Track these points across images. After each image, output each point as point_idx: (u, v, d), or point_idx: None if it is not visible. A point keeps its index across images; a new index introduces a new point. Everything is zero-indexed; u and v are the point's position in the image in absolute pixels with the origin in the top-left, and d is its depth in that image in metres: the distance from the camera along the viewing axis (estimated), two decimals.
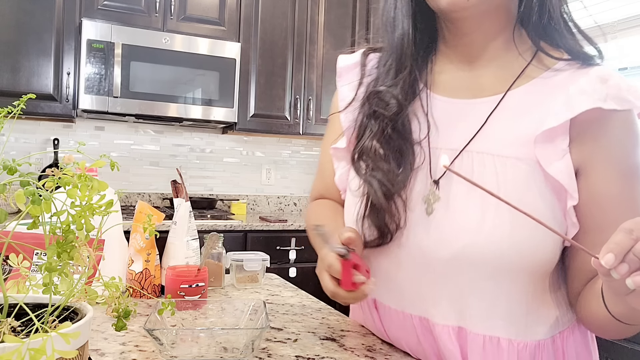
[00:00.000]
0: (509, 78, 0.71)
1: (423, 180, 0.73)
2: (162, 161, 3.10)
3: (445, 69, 0.77)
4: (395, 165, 0.72)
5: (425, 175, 0.73)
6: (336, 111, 0.85)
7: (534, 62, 0.71)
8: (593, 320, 0.67)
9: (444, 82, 0.77)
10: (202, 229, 2.36)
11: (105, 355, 0.78)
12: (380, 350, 0.85)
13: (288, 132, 3.05)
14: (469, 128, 0.71)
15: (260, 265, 1.29)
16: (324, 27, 3.11)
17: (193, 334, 0.78)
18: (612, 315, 0.61)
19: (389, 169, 0.72)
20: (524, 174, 0.66)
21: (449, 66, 0.77)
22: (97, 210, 0.54)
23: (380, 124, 0.74)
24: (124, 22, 2.62)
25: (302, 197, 3.46)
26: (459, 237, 0.67)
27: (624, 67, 2.55)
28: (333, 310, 1.10)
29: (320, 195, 0.98)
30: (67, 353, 0.46)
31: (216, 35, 2.82)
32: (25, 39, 2.46)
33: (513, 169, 0.66)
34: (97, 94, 2.52)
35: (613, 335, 0.67)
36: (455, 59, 0.76)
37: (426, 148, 0.73)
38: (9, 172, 0.50)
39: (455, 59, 0.76)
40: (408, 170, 0.72)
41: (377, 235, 0.73)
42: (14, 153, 2.78)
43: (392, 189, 0.71)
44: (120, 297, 0.61)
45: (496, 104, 0.70)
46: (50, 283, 0.53)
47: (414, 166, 0.73)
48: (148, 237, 1.09)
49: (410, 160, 0.72)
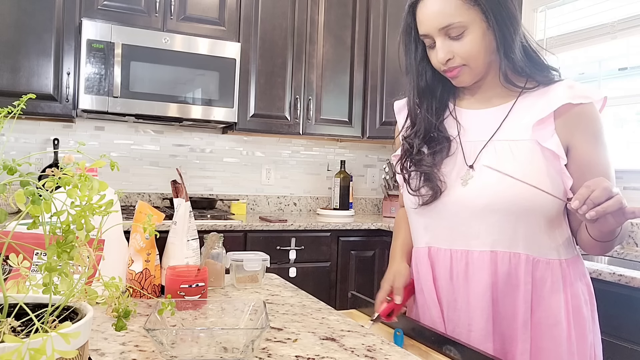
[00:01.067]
0: (507, 97, 1.09)
1: (459, 165, 1.08)
2: (162, 161, 3.10)
3: (464, 97, 1.16)
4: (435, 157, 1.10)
5: (461, 161, 1.08)
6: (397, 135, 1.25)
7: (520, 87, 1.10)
8: (585, 243, 1.03)
9: (465, 103, 1.15)
10: (202, 229, 2.36)
11: (105, 355, 0.78)
12: (380, 350, 0.85)
13: (288, 132, 3.05)
14: (489, 125, 1.08)
15: (260, 265, 1.29)
16: (324, 27, 3.11)
17: (193, 334, 0.78)
18: (592, 237, 0.98)
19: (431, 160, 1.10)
20: (529, 149, 1.02)
21: (468, 94, 1.15)
22: (97, 210, 0.54)
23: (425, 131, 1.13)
24: (124, 22, 2.62)
25: (302, 197, 3.46)
26: (485, 193, 1.02)
27: (624, 67, 2.55)
28: (333, 310, 1.10)
29: None
30: (67, 353, 0.46)
31: (216, 35, 2.82)
32: (25, 39, 2.46)
33: (523, 146, 1.02)
34: (97, 94, 2.52)
35: (599, 251, 1.02)
36: (471, 91, 1.15)
37: (458, 142, 1.10)
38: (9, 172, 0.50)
39: (471, 91, 1.15)
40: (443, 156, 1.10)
41: (431, 194, 1.07)
42: (14, 153, 2.78)
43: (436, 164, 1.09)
44: (120, 297, 0.61)
45: (509, 110, 1.07)
46: (50, 283, 0.53)
47: (450, 153, 1.09)
48: (148, 237, 1.09)
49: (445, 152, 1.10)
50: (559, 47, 2.83)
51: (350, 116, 3.20)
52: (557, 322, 1.01)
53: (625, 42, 2.53)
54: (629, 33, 2.48)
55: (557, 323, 1.00)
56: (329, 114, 3.13)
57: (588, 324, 1.05)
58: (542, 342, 1.01)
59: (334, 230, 2.82)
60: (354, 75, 3.19)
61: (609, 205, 0.82)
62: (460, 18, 1.00)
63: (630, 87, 2.49)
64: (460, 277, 1.05)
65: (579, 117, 1.01)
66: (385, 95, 3.18)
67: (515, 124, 1.04)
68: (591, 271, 1.76)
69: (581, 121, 1.01)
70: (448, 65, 1.05)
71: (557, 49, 2.84)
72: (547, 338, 1.00)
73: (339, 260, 2.84)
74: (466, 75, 1.06)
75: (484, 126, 1.08)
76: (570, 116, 1.01)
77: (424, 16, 1.04)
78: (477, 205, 1.02)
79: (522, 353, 1.00)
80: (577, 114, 1.01)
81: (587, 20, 2.70)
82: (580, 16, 2.75)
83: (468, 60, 1.03)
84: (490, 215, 1.01)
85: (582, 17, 2.73)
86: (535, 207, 0.99)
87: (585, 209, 0.83)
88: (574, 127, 1.01)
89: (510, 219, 1.00)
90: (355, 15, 3.19)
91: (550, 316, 1.01)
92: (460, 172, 1.07)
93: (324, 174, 3.52)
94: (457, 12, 1.00)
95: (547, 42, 2.89)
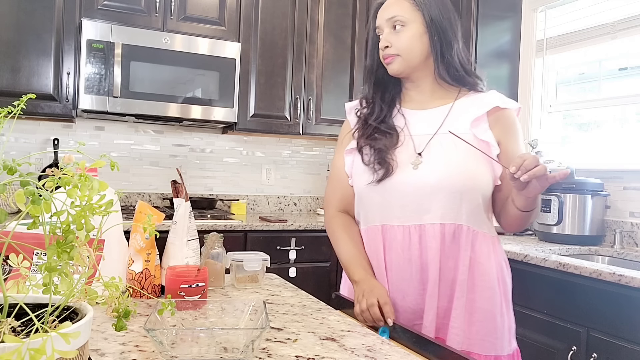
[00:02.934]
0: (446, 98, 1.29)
1: (409, 153, 1.24)
2: (162, 161, 3.10)
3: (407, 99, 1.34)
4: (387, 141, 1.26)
5: (411, 150, 1.25)
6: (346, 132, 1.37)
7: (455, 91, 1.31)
8: (509, 219, 1.22)
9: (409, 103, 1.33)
10: (202, 229, 2.35)
11: (105, 355, 0.78)
12: (380, 350, 0.85)
13: (288, 132, 3.05)
14: (433, 122, 1.26)
15: (260, 265, 1.29)
16: (324, 27, 3.11)
17: (193, 334, 0.78)
18: (518, 208, 1.15)
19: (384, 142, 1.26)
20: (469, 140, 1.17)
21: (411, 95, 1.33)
22: (97, 210, 0.54)
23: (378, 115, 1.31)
24: (124, 22, 2.62)
25: (302, 197, 3.46)
26: (435, 175, 1.19)
27: (624, 67, 2.55)
28: (333, 310, 1.10)
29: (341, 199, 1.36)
30: (67, 353, 0.46)
31: (216, 35, 2.82)
32: (25, 38, 2.46)
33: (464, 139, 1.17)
34: (97, 94, 2.52)
35: (520, 224, 1.21)
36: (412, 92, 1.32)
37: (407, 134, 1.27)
38: (9, 172, 0.50)
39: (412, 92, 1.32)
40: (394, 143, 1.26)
41: (383, 172, 1.21)
42: (14, 153, 2.78)
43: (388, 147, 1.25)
44: (120, 297, 0.61)
45: (448, 110, 1.27)
46: (50, 283, 0.53)
47: (399, 143, 1.25)
48: (148, 237, 1.09)
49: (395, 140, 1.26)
50: (559, 47, 2.83)
51: None
52: (491, 286, 1.20)
53: (625, 42, 2.53)
54: (629, 33, 2.48)
55: (491, 287, 1.20)
56: (329, 114, 3.13)
57: (509, 293, 1.26)
58: (477, 301, 1.19)
59: None
60: (354, 75, 3.19)
61: (537, 169, 1.01)
62: (403, 14, 1.23)
63: (630, 87, 2.49)
64: (414, 248, 1.20)
65: (506, 119, 1.25)
66: None
67: (455, 121, 1.24)
68: (591, 271, 1.76)
69: (508, 122, 1.25)
70: (386, 52, 1.25)
71: (557, 49, 2.84)
72: (482, 298, 1.19)
73: None
74: (397, 64, 1.25)
75: (428, 123, 1.27)
76: (498, 117, 1.24)
77: (380, 12, 1.28)
78: (428, 183, 1.19)
79: (457, 308, 1.18)
80: (504, 116, 1.25)
81: (587, 20, 2.70)
82: (580, 16, 2.74)
83: (401, 51, 1.23)
84: (439, 193, 1.18)
85: (582, 17, 2.73)
86: (474, 186, 1.19)
87: (520, 174, 1.02)
88: (503, 125, 1.24)
89: (456, 195, 1.18)
90: (355, 15, 3.18)
91: (486, 280, 1.20)
92: (410, 159, 1.23)
93: (324, 174, 3.52)
94: (403, 10, 1.23)
95: (547, 42, 2.89)
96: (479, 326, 1.18)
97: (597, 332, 1.76)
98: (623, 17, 2.50)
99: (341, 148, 1.37)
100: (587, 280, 1.79)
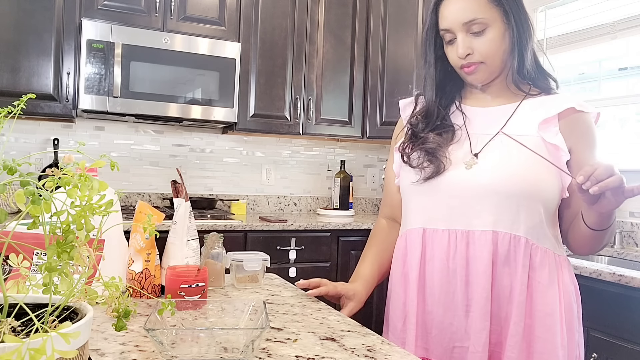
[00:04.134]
0: (513, 98, 1.15)
1: (464, 152, 1.11)
2: (162, 161, 3.10)
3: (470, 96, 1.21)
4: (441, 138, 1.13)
5: (467, 149, 1.11)
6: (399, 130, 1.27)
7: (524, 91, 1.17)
8: (578, 238, 1.07)
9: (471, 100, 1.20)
10: (202, 229, 2.36)
11: (105, 355, 0.78)
12: (380, 350, 0.85)
13: (288, 132, 3.05)
14: (495, 122, 1.12)
15: (260, 265, 1.29)
16: (324, 27, 3.11)
17: (193, 334, 0.78)
18: (588, 227, 1.00)
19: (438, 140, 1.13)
20: (534, 143, 1.05)
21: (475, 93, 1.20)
22: (97, 210, 0.54)
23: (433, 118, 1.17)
24: (124, 22, 2.62)
25: (302, 197, 3.46)
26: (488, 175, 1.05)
27: (624, 67, 2.55)
28: (333, 310, 1.10)
29: (387, 203, 1.30)
30: (67, 353, 0.46)
31: (216, 35, 2.82)
32: (25, 38, 2.46)
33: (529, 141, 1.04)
34: (97, 94, 2.52)
35: (591, 245, 1.05)
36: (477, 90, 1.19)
37: (464, 131, 1.14)
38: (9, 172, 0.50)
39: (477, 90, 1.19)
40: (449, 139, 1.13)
41: (433, 169, 1.09)
42: (14, 153, 2.78)
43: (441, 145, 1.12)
44: (120, 297, 0.61)
45: (514, 109, 1.13)
46: (50, 283, 0.53)
47: (455, 140, 1.13)
48: (148, 237, 1.09)
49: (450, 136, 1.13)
50: (559, 47, 2.83)
51: (350, 116, 3.20)
52: (553, 311, 1.03)
53: (625, 42, 2.53)
54: (629, 33, 2.48)
55: (553, 313, 1.03)
56: (329, 114, 3.13)
57: (575, 322, 1.08)
58: (536, 329, 1.03)
59: (334, 230, 2.82)
60: (354, 75, 3.19)
61: (611, 181, 0.85)
62: (483, 15, 1.05)
63: (630, 87, 2.49)
64: (460, 257, 1.06)
65: (581, 124, 1.08)
66: (385, 95, 3.18)
67: (521, 122, 1.10)
68: (591, 271, 1.76)
69: (582, 127, 1.08)
70: (467, 60, 1.08)
71: (557, 49, 2.84)
72: (541, 326, 1.02)
73: (339, 260, 2.84)
74: (482, 73, 1.10)
75: (490, 122, 1.12)
76: (572, 120, 1.08)
77: (449, 12, 1.08)
78: (479, 184, 1.05)
79: (514, 335, 1.02)
80: (579, 120, 1.08)
81: (587, 20, 2.70)
82: (580, 16, 2.74)
83: (486, 58, 1.07)
84: (492, 196, 1.04)
85: (582, 17, 2.73)
86: (535, 193, 1.03)
87: (589, 184, 0.86)
88: (576, 131, 1.08)
89: (512, 200, 1.03)
90: (355, 15, 3.18)
91: (547, 304, 1.03)
92: (465, 158, 1.10)
93: (324, 174, 3.52)
94: (481, 9, 1.05)
95: (547, 42, 2.88)
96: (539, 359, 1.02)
97: (597, 332, 1.76)
98: (623, 17, 2.50)
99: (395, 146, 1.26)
100: (587, 280, 1.79)
